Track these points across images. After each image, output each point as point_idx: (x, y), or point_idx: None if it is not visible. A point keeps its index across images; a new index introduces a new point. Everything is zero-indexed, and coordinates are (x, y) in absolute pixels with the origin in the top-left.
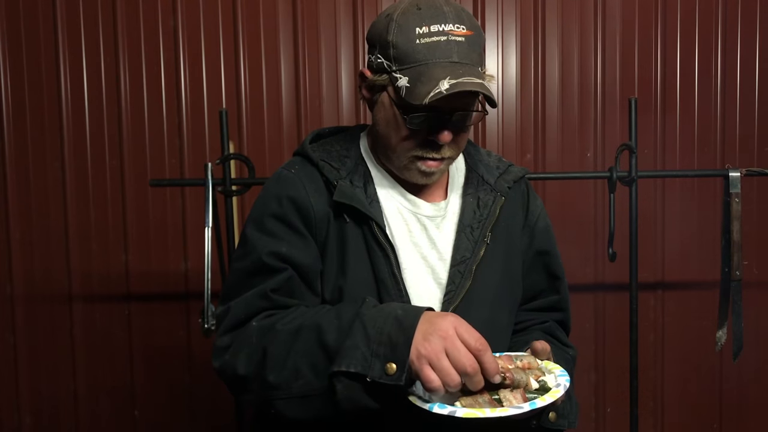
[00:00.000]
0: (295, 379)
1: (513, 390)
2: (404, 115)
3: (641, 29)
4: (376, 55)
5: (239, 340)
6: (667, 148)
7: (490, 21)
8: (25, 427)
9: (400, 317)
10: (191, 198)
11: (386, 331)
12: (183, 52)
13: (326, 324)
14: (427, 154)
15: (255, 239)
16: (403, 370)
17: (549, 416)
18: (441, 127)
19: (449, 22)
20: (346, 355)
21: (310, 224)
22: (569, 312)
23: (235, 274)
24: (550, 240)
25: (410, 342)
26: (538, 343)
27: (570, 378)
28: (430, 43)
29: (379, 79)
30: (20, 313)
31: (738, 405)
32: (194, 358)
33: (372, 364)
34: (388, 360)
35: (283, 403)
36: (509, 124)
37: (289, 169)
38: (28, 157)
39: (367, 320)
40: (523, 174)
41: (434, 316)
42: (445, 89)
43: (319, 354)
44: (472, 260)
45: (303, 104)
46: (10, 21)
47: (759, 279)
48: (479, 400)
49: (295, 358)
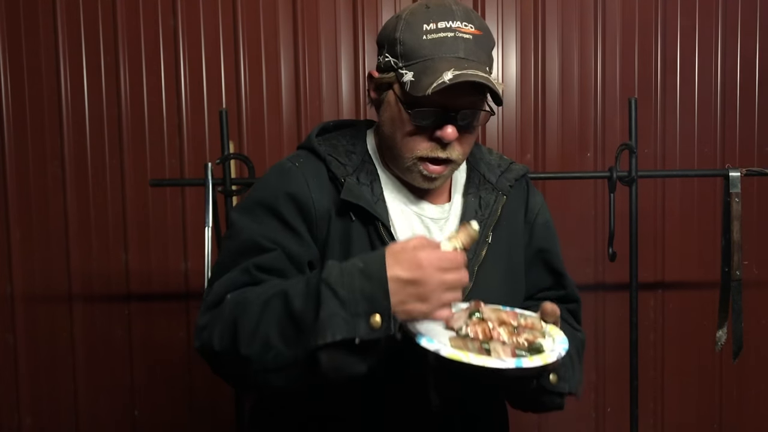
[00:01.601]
0: (266, 351)
1: (505, 344)
2: (408, 110)
3: (641, 29)
4: (384, 55)
5: (215, 316)
6: (667, 148)
7: (491, 21)
8: (25, 427)
9: (364, 269)
10: (191, 198)
11: (357, 288)
12: (183, 52)
13: (293, 290)
14: (432, 153)
15: (245, 224)
16: (389, 319)
17: (550, 378)
18: (445, 124)
19: (457, 19)
20: (326, 325)
21: (311, 221)
22: (580, 303)
23: (223, 254)
24: (549, 236)
25: (386, 288)
26: (548, 304)
27: (579, 356)
28: (437, 38)
29: (385, 77)
30: (20, 313)
31: (738, 405)
32: (194, 358)
33: (356, 324)
34: (370, 314)
35: (260, 376)
36: (509, 124)
37: (294, 162)
38: (28, 157)
39: (334, 283)
40: (524, 172)
41: (396, 251)
42: (448, 79)
43: (288, 323)
44: (473, 261)
45: (303, 104)
46: (10, 21)
47: (759, 279)
48: (469, 344)
49: (264, 329)
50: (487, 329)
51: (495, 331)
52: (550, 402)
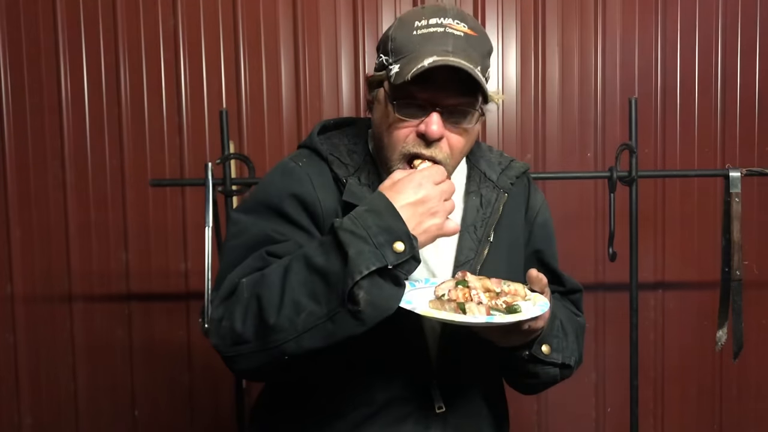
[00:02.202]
0: (297, 313)
1: (480, 305)
2: (393, 102)
3: (641, 29)
4: (379, 55)
5: (232, 302)
6: (667, 148)
7: (490, 21)
8: (25, 427)
9: (369, 209)
10: (191, 198)
11: (371, 224)
12: (183, 52)
13: (311, 251)
14: (415, 148)
15: (252, 221)
16: (410, 240)
17: (542, 349)
18: (431, 120)
19: (449, 17)
20: (358, 261)
21: (318, 220)
22: (581, 292)
23: (230, 252)
24: (548, 236)
25: (398, 215)
26: (533, 271)
27: (577, 335)
28: (426, 33)
29: (377, 75)
30: (20, 313)
31: (738, 405)
32: (194, 358)
33: (384, 253)
34: (392, 242)
35: (292, 344)
36: (509, 124)
37: (297, 162)
38: (28, 157)
39: (349, 227)
40: (525, 169)
41: (390, 186)
42: (428, 63)
43: (316, 280)
44: (475, 261)
45: (303, 104)
46: (10, 21)
47: (759, 279)
48: (446, 306)
49: (291, 294)
50: (468, 293)
51: (477, 296)
52: (545, 374)
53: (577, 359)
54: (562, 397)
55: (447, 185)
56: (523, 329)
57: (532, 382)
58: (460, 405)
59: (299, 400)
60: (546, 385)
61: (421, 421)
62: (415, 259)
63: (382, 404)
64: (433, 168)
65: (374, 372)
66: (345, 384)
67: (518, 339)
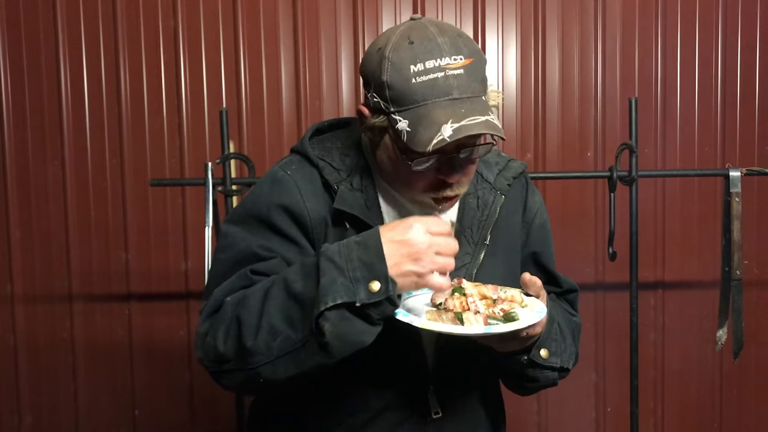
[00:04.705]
0: (273, 338)
1: (477, 314)
2: (409, 161)
3: (641, 29)
4: (372, 94)
5: (216, 320)
6: (667, 147)
7: (490, 21)
8: (25, 426)
9: (360, 241)
10: (191, 198)
11: (354, 257)
12: (183, 52)
13: (291, 275)
14: (440, 194)
15: (240, 235)
16: (387, 283)
17: (541, 353)
18: (449, 168)
19: (445, 55)
20: (327, 291)
21: (306, 229)
22: (578, 292)
23: (218, 265)
24: (545, 238)
25: (381, 252)
26: (527, 275)
27: (574, 336)
28: (427, 81)
29: (378, 122)
30: (20, 313)
31: (738, 405)
32: (194, 358)
33: (356, 289)
34: (369, 280)
35: (268, 368)
36: (509, 124)
37: (286, 170)
38: (28, 157)
39: (332, 255)
40: (522, 169)
41: (390, 224)
42: (448, 135)
43: (292, 305)
44: (472, 265)
45: (303, 104)
46: (10, 21)
47: (759, 279)
48: (443, 316)
49: (268, 318)
50: (465, 302)
51: (474, 304)
52: (544, 378)
53: (574, 361)
54: (562, 397)
55: (443, 240)
56: (521, 336)
57: (530, 385)
58: (456, 410)
59: (296, 406)
60: (544, 387)
61: (418, 426)
62: (390, 302)
63: (379, 410)
64: (436, 219)
65: (371, 378)
66: (342, 390)
67: (516, 345)
